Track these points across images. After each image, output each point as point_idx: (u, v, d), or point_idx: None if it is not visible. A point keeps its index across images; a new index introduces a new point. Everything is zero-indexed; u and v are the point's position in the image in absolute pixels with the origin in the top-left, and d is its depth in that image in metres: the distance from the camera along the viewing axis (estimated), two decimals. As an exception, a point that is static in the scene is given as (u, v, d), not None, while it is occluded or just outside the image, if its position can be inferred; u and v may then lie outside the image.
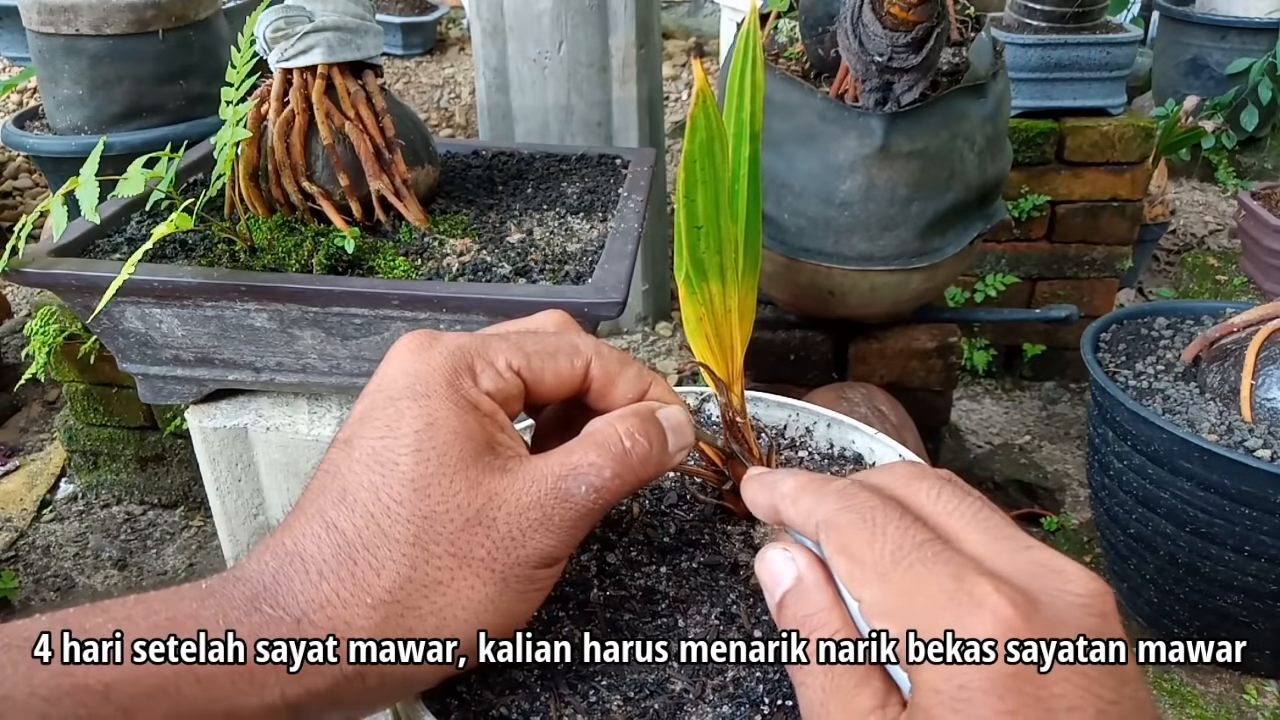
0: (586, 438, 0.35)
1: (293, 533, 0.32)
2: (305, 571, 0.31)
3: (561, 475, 0.33)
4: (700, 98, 0.35)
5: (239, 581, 0.31)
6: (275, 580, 0.31)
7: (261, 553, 0.32)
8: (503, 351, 0.35)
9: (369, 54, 0.89)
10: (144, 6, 1.43)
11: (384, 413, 0.33)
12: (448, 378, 0.33)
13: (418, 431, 0.32)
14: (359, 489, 0.32)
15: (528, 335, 0.37)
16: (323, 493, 0.32)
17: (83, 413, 1.64)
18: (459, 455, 0.32)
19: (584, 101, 1.90)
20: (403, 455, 0.32)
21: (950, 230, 1.19)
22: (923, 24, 1.00)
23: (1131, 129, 1.90)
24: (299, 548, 0.31)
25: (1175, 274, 2.50)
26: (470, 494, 0.32)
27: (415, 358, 0.34)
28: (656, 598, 0.41)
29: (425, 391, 0.33)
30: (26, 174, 2.78)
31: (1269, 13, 2.85)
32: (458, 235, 0.89)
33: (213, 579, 0.31)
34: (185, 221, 0.72)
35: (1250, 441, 1.02)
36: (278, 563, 0.31)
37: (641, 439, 0.35)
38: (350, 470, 0.32)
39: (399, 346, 0.35)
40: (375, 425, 0.33)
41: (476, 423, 0.33)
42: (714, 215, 0.38)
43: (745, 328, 0.42)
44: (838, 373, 1.36)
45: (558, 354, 0.36)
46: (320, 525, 0.31)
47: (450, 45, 3.90)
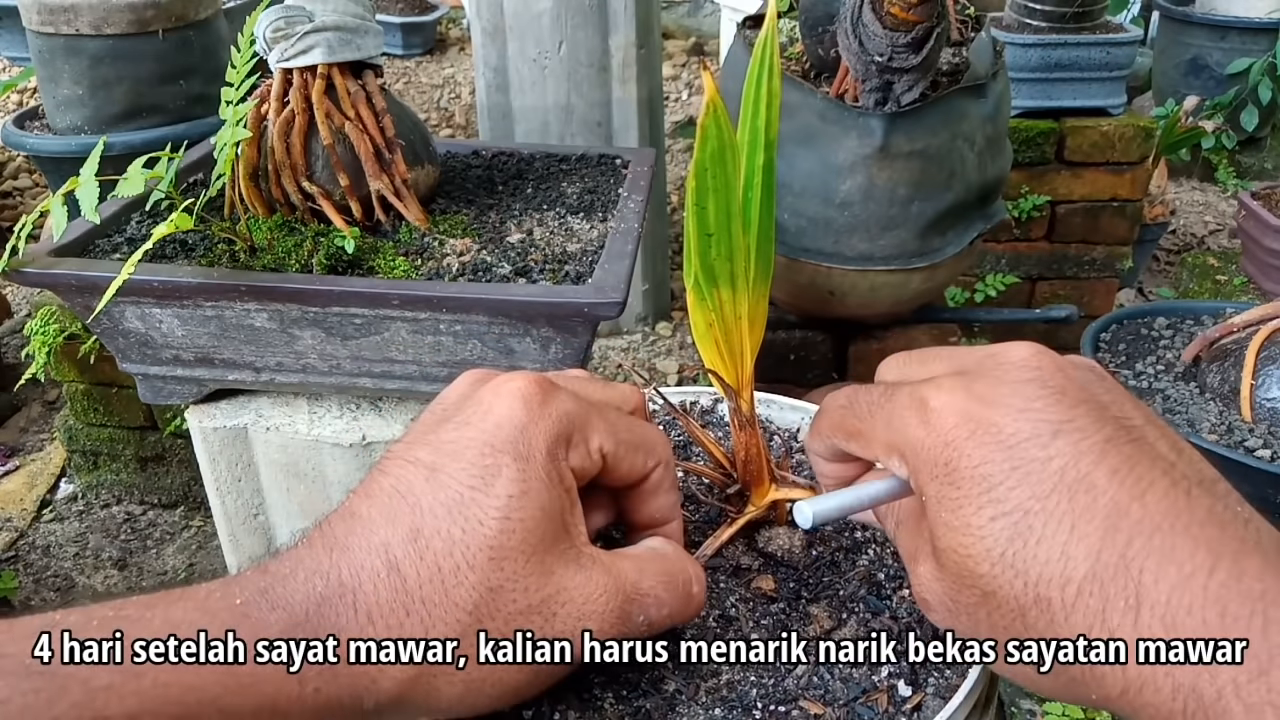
0: (657, 563, 0.34)
1: (349, 560, 0.30)
2: (354, 610, 0.29)
3: (629, 597, 0.32)
4: (710, 108, 0.36)
5: (275, 608, 0.29)
6: (319, 610, 0.29)
7: (309, 572, 0.30)
8: (599, 432, 0.34)
9: (369, 54, 0.89)
10: (144, 6, 1.43)
11: (480, 459, 0.31)
12: (550, 445, 0.32)
13: (511, 497, 0.31)
14: (434, 535, 0.30)
15: (620, 419, 0.36)
16: (392, 522, 0.30)
17: (83, 413, 1.64)
18: (540, 535, 0.31)
19: (584, 101, 1.90)
20: (490, 517, 0.30)
21: (950, 230, 1.19)
22: (923, 24, 1.00)
23: (1131, 129, 1.90)
24: (355, 582, 0.29)
25: (1175, 274, 2.50)
26: (540, 580, 0.31)
27: (527, 410, 0.32)
28: None
29: (527, 454, 0.31)
30: (26, 174, 2.78)
31: (1269, 13, 2.85)
32: (458, 235, 0.89)
33: (250, 592, 0.29)
34: (185, 221, 0.72)
35: (1250, 441, 1.02)
36: (326, 590, 0.29)
37: (701, 589, 0.36)
38: (429, 509, 0.30)
39: (514, 388, 0.33)
40: (467, 469, 0.31)
41: (560, 501, 0.32)
42: (725, 223, 0.39)
43: (756, 335, 0.42)
44: (838, 373, 1.36)
45: (639, 450, 0.36)
46: (382, 563, 0.30)
47: (450, 45, 3.90)
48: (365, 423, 0.88)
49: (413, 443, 0.33)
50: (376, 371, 0.84)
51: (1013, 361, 0.31)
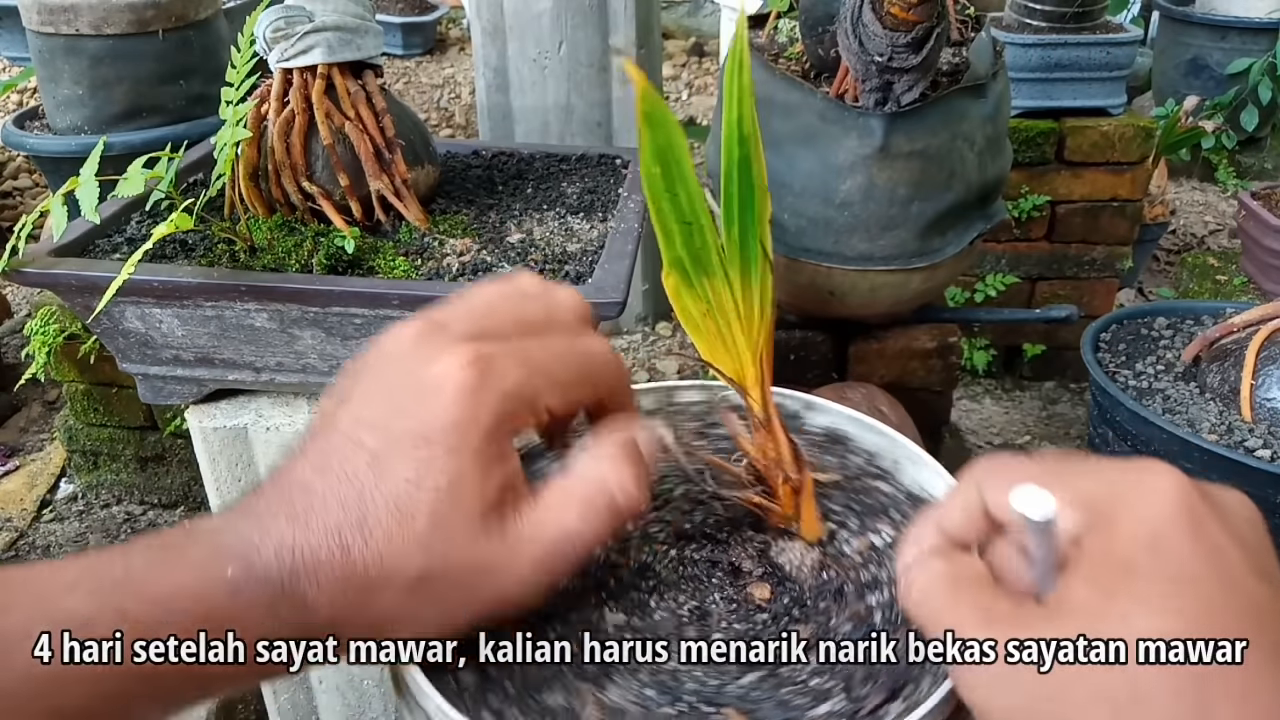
0: (577, 491, 0.36)
1: (309, 539, 0.33)
2: (317, 586, 0.33)
3: (557, 541, 0.35)
4: (644, 96, 0.36)
5: (260, 582, 0.32)
6: (291, 583, 0.33)
7: (277, 545, 0.33)
8: (544, 394, 0.35)
9: (369, 54, 0.89)
10: (144, 6, 1.43)
11: (416, 451, 0.33)
12: (488, 433, 0.34)
13: (438, 490, 0.33)
14: (376, 525, 0.33)
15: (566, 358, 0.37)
16: (343, 507, 0.33)
17: (83, 413, 1.64)
18: (468, 522, 0.34)
19: (584, 101, 1.90)
20: (420, 513, 0.33)
21: (950, 230, 1.19)
22: (923, 24, 1.00)
23: (1131, 129, 1.90)
24: (314, 560, 0.33)
25: (1175, 274, 2.50)
26: (470, 561, 0.34)
27: (460, 405, 0.33)
28: (647, 575, 0.43)
29: (459, 445, 0.33)
30: (26, 174, 2.78)
31: (1269, 13, 2.85)
32: (458, 235, 0.89)
33: (233, 564, 0.33)
34: (185, 221, 0.72)
35: (1250, 441, 1.02)
36: (294, 564, 0.33)
37: (634, 488, 0.36)
38: (372, 499, 0.33)
39: (449, 377, 0.34)
40: (404, 460, 0.33)
41: (496, 482, 0.34)
42: (695, 215, 0.39)
43: (754, 332, 0.42)
44: (838, 373, 1.36)
45: (585, 386, 0.38)
46: (337, 545, 0.33)
47: (450, 45, 3.90)
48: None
49: (360, 420, 0.35)
50: (376, 371, 0.84)
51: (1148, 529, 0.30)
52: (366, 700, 1.01)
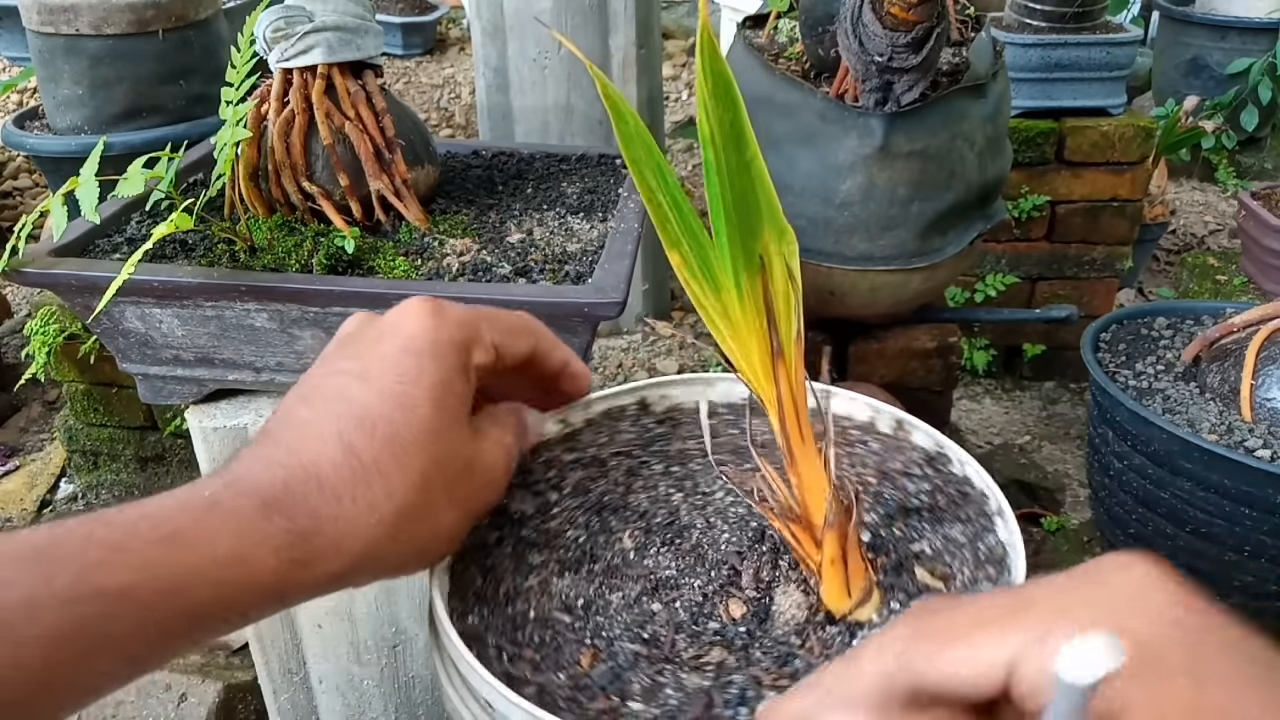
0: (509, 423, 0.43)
1: (305, 449, 0.34)
2: (320, 489, 0.34)
3: (508, 449, 0.41)
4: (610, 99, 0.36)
5: (245, 494, 0.33)
6: (286, 492, 0.33)
7: (267, 463, 0.34)
8: (489, 330, 0.40)
9: (369, 54, 0.89)
10: (144, 6, 1.43)
11: (404, 361, 0.37)
12: (456, 347, 0.38)
13: (434, 386, 0.36)
14: (380, 420, 0.35)
15: (500, 315, 0.42)
16: (338, 417, 0.35)
17: (83, 413, 1.64)
18: (461, 415, 0.38)
19: (584, 101, 1.90)
20: (422, 403, 0.36)
21: (950, 230, 1.19)
22: (923, 24, 1.00)
23: (1131, 129, 1.90)
24: (315, 468, 0.34)
25: (1175, 274, 2.50)
26: (465, 448, 0.38)
27: (432, 322, 0.38)
28: (678, 528, 0.45)
29: (442, 355, 0.37)
30: (26, 174, 2.78)
31: (1269, 13, 2.85)
32: (458, 235, 0.89)
33: (214, 488, 0.33)
34: (185, 221, 0.72)
35: (1250, 441, 1.02)
36: (289, 475, 0.33)
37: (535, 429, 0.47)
38: (370, 403, 0.35)
39: (412, 307, 0.39)
40: (394, 370, 0.36)
41: (468, 390, 0.39)
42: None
43: (750, 340, 0.39)
44: (838, 373, 1.36)
45: (521, 335, 0.42)
46: (338, 448, 0.34)
47: (450, 45, 3.90)
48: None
49: (331, 361, 0.38)
50: (376, 371, 0.84)
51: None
52: (366, 700, 1.01)
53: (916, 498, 0.46)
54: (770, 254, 0.39)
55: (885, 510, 0.45)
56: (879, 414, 0.50)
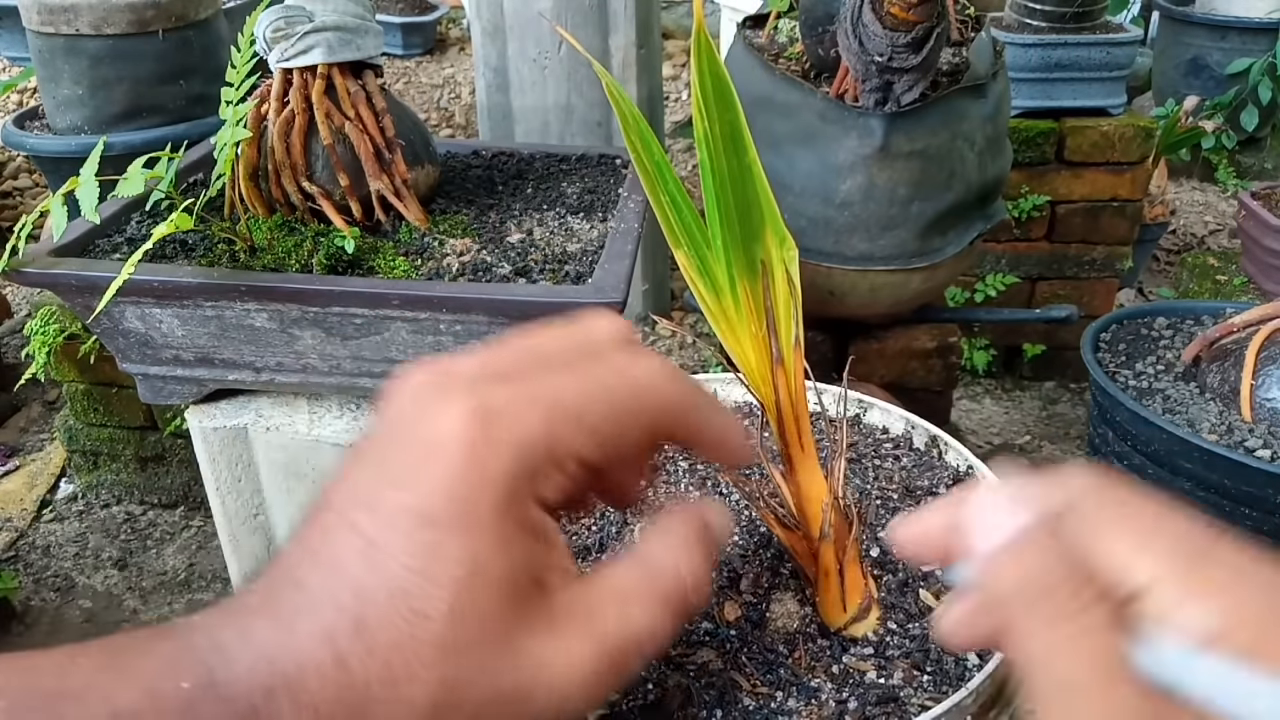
0: (646, 585, 0.30)
1: (295, 647, 0.27)
2: (297, 707, 0.26)
3: (618, 645, 0.28)
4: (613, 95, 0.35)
5: (221, 700, 0.26)
6: (265, 703, 0.26)
7: (255, 655, 0.27)
8: (572, 443, 0.28)
9: (369, 54, 0.89)
10: (144, 6, 1.43)
11: (418, 533, 0.27)
12: (503, 502, 0.27)
13: (457, 580, 0.26)
14: (379, 627, 0.26)
15: (597, 395, 0.29)
16: (336, 607, 0.27)
17: (83, 413, 1.64)
18: (500, 614, 0.27)
19: (584, 101, 1.90)
20: (435, 609, 0.26)
21: (950, 230, 1.19)
22: (923, 24, 1.00)
23: (1131, 129, 1.90)
24: (300, 675, 0.26)
25: (1175, 274, 2.50)
26: (509, 662, 0.27)
27: (465, 468, 0.27)
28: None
29: (472, 523, 0.27)
30: (26, 174, 2.78)
31: (1269, 13, 2.85)
32: (458, 235, 0.89)
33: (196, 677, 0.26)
34: (185, 221, 0.72)
35: (1250, 441, 1.02)
36: (271, 680, 0.26)
37: (704, 584, 0.30)
38: (370, 595, 0.27)
39: (447, 436, 0.27)
40: (404, 545, 0.27)
41: (527, 558, 0.28)
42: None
43: (748, 346, 0.39)
44: (837, 372, 1.36)
45: (628, 423, 0.30)
46: (329, 656, 0.26)
47: (450, 45, 3.90)
48: (365, 423, 0.88)
49: (351, 496, 0.29)
50: (377, 371, 0.84)
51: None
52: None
53: None
54: (771, 259, 0.38)
55: None
56: (914, 429, 0.50)
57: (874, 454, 0.50)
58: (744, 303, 0.38)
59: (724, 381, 0.54)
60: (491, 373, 0.29)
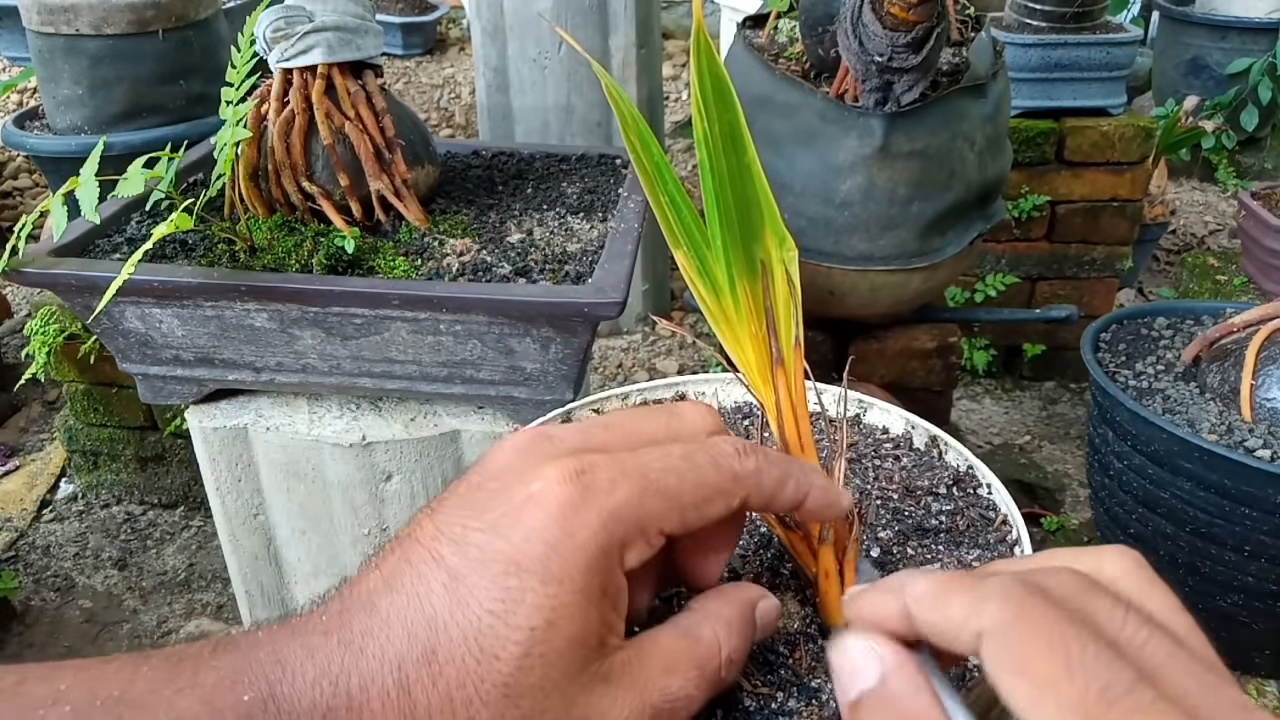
0: (689, 652, 0.31)
1: (361, 668, 0.28)
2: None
3: (657, 708, 0.30)
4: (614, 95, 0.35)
5: (280, 714, 0.27)
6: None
7: (319, 672, 0.28)
8: (658, 515, 0.30)
9: (369, 54, 0.89)
10: (144, 6, 1.43)
11: (504, 578, 0.28)
12: (590, 561, 0.29)
13: (534, 629, 0.28)
14: (449, 661, 0.28)
15: (686, 474, 0.31)
16: (409, 635, 0.28)
17: (83, 413, 1.64)
18: (564, 667, 0.28)
19: (584, 101, 1.90)
20: (507, 652, 0.28)
21: (950, 230, 1.19)
22: (923, 24, 1.00)
23: (1131, 129, 1.90)
24: (364, 697, 0.27)
25: (1175, 274, 2.50)
26: (562, 714, 0.28)
27: (561, 523, 0.28)
28: None
29: (559, 575, 0.28)
30: (26, 174, 2.78)
31: (1269, 13, 2.85)
32: (458, 235, 0.89)
33: (257, 690, 0.28)
34: (185, 221, 0.72)
35: (1250, 441, 1.02)
36: (334, 700, 0.27)
37: (738, 663, 0.32)
38: (445, 628, 0.28)
39: (549, 493, 0.29)
40: (489, 587, 0.28)
41: (599, 618, 0.29)
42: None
43: (741, 340, 0.39)
44: (837, 373, 1.36)
45: (715, 499, 0.31)
46: (394, 682, 0.28)
47: (450, 45, 3.90)
48: (365, 423, 0.88)
49: (442, 531, 0.30)
50: (376, 371, 0.84)
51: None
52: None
53: (936, 518, 0.45)
54: (771, 260, 0.38)
55: (901, 528, 0.45)
56: (914, 429, 0.50)
57: (874, 454, 0.50)
58: (744, 303, 0.38)
59: (724, 381, 0.54)
60: (593, 443, 0.32)
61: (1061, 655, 0.24)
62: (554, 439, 0.32)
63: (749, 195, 0.37)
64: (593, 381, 1.98)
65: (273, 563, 0.98)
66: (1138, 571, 0.27)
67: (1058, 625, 0.24)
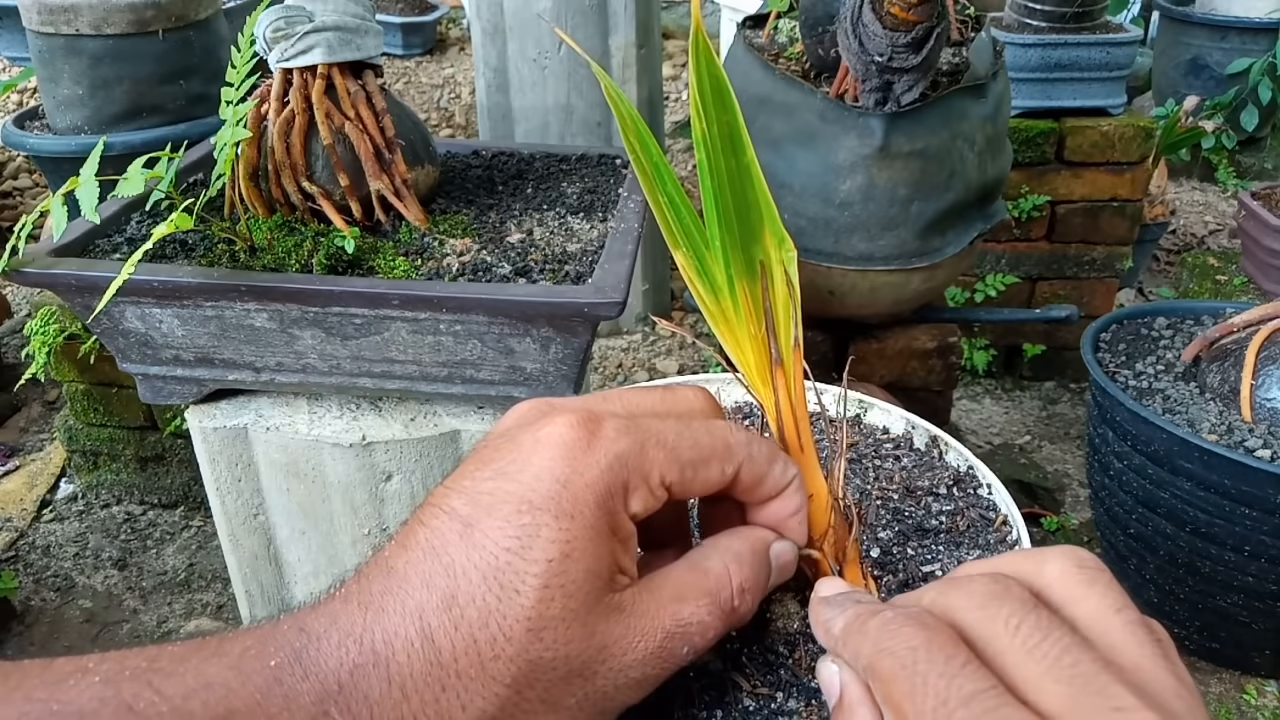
0: (699, 583, 0.32)
1: (384, 624, 0.29)
2: (388, 682, 0.28)
3: (670, 633, 0.31)
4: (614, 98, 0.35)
5: (308, 676, 0.28)
6: (352, 679, 0.28)
7: (343, 634, 0.29)
8: (659, 464, 0.32)
9: (369, 54, 0.89)
10: (144, 6, 1.43)
11: (517, 517, 0.29)
12: (599, 498, 0.30)
13: (551, 561, 0.29)
14: (469, 603, 0.28)
15: (683, 433, 0.33)
16: (426, 585, 0.29)
17: (83, 413, 1.65)
18: (583, 598, 0.29)
19: (584, 101, 1.90)
20: (527, 585, 0.28)
21: (950, 230, 1.19)
22: (923, 24, 1.00)
23: (1131, 129, 1.90)
24: (389, 651, 0.28)
25: (1175, 274, 2.50)
26: (582, 644, 0.29)
27: (569, 461, 0.30)
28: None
29: (571, 510, 0.29)
30: (26, 174, 2.78)
31: (1269, 13, 2.85)
32: (458, 235, 0.89)
33: (284, 655, 0.28)
34: (185, 221, 0.72)
35: (1250, 441, 1.02)
36: (360, 657, 0.28)
37: (750, 593, 0.33)
38: (463, 571, 0.29)
39: (554, 434, 0.30)
40: (503, 527, 0.29)
41: (610, 554, 0.30)
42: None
43: (740, 341, 0.39)
44: (837, 373, 1.36)
45: (711, 460, 0.33)
46: (416, 632, 0.28)
47: (450, 45, 3.90)
48: (365, 423, 0.88)
49: (451, 488, 0.31)
50: (376, 371, 0.84)
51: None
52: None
53: (937, 518, 0.45)
54: (770, 261, 0.38)
55: (902, 528, 0.45)
56: (914, 429, 0.50)
57: (874, 454, 0.50)
58: (743, 303, 0.38)
59: (724, 382, 0.54)
60: (594, 407, 0.33)
61: (907, 678, 0.25)
62: (556, 404, 0.33)
63: (748, 196, 0.37)
64: (593, 381, 1.98)
65: (273, 563, 0.98)
66: (1076, 573, 0.28)
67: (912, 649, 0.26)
